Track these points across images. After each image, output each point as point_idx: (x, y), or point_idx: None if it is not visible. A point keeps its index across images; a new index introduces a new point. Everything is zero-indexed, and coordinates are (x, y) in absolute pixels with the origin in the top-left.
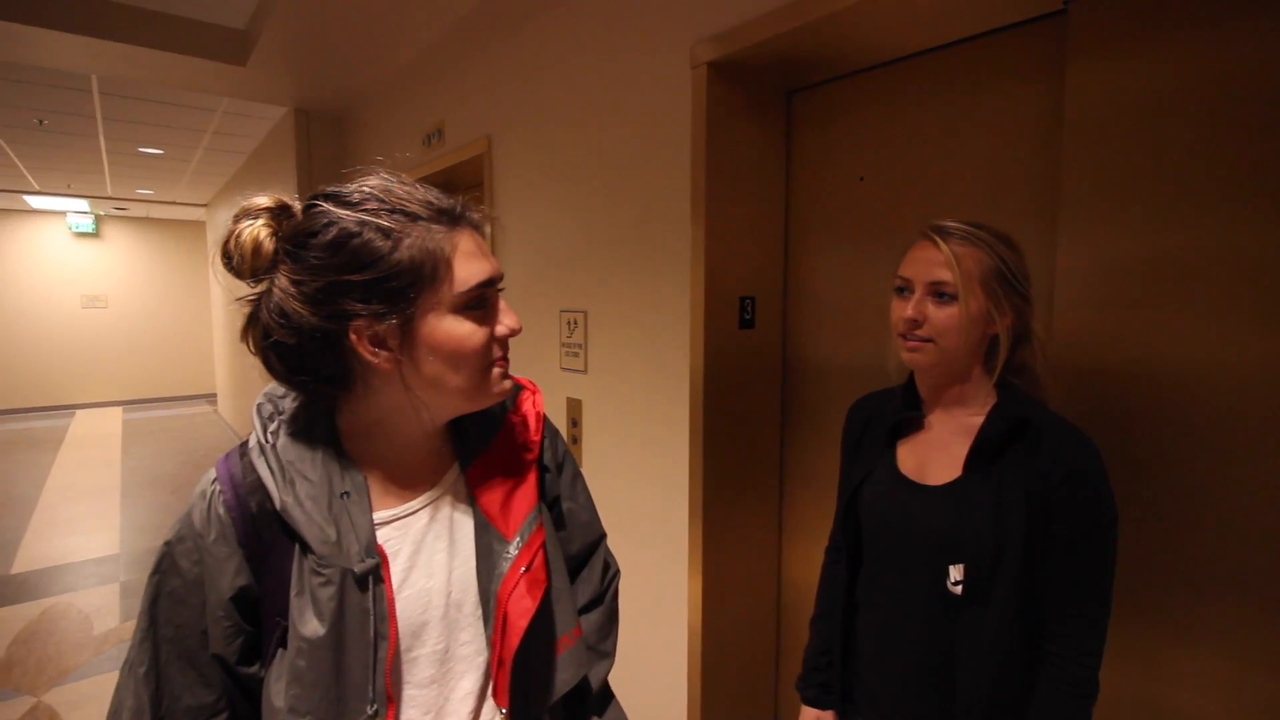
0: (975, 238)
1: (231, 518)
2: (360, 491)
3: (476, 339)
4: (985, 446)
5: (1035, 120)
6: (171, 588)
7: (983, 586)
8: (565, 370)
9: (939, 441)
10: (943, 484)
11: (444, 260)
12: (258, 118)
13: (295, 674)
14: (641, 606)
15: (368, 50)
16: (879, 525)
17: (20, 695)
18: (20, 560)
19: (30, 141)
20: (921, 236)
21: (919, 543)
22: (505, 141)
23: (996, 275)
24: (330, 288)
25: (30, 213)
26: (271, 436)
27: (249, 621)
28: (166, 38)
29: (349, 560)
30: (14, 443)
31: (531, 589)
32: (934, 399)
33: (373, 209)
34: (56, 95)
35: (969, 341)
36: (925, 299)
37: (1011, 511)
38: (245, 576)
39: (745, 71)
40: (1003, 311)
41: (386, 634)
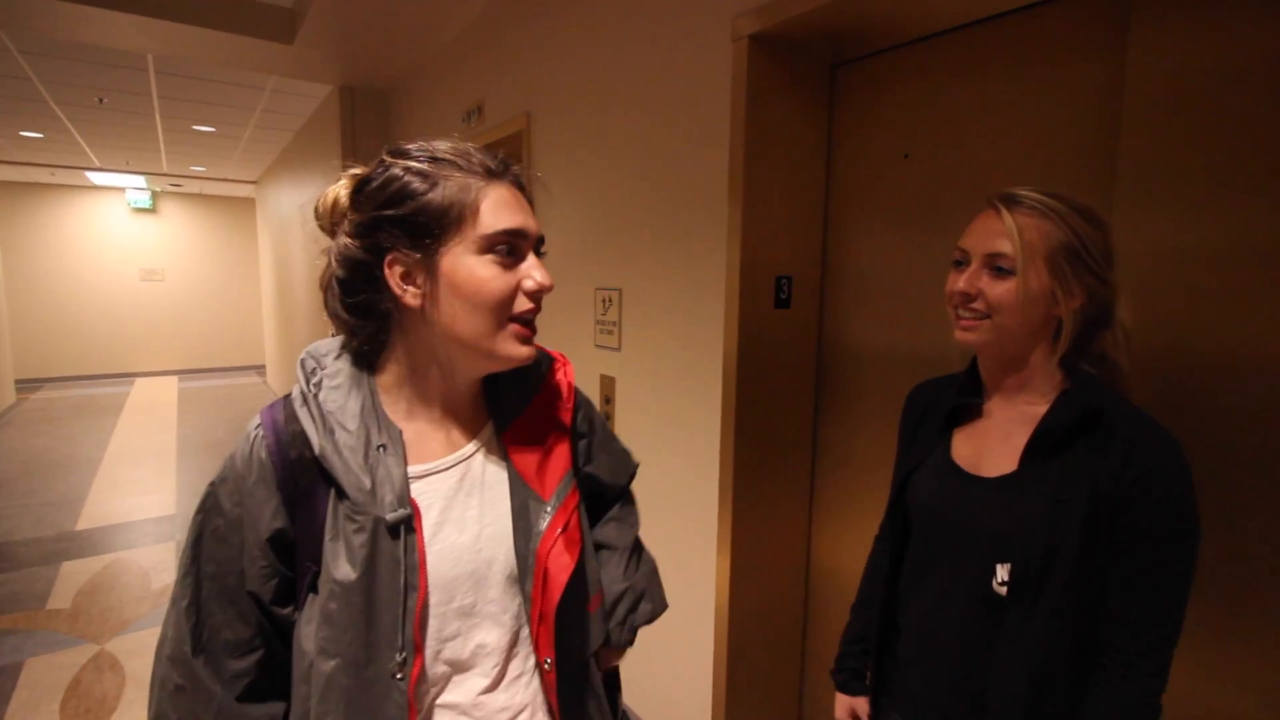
0: (1046, 208)
1: (272, 462)
2: (396, 444)
3: (497, 284)
4: (1047, 437)
5: (1092, 96)
6: (214, 526)
7: (1030, 589)
8: (599, 347)
9: (998, 430)
10: (997, 476)
11: (472, 205)
12: (304, 96)
13: (326, 615)
14: (670, 583)
15: (410, 29)
16: (926, 516)
17: (85, 642)
18: (85, 518)
19: (91, 119)
20: (986, 205)
21: (967, 537)
22: (544, 118)
23: (1067, 251)
24: (371, 222)
25: (91, 189)
26: (314, 388)
27: (284, 564)
28: (216, 16)
29: (382, 509)
30: (79, 408)
31: (569, 547)
32: (995, 384)
33: (422, 158)
34: (115, 74)
35: (1029, 321)
36: (981, 271)
37: (1070, 511)
38: (282, 519)
39: (788, 45)
40: (1070, 292)
41: (416, 584)
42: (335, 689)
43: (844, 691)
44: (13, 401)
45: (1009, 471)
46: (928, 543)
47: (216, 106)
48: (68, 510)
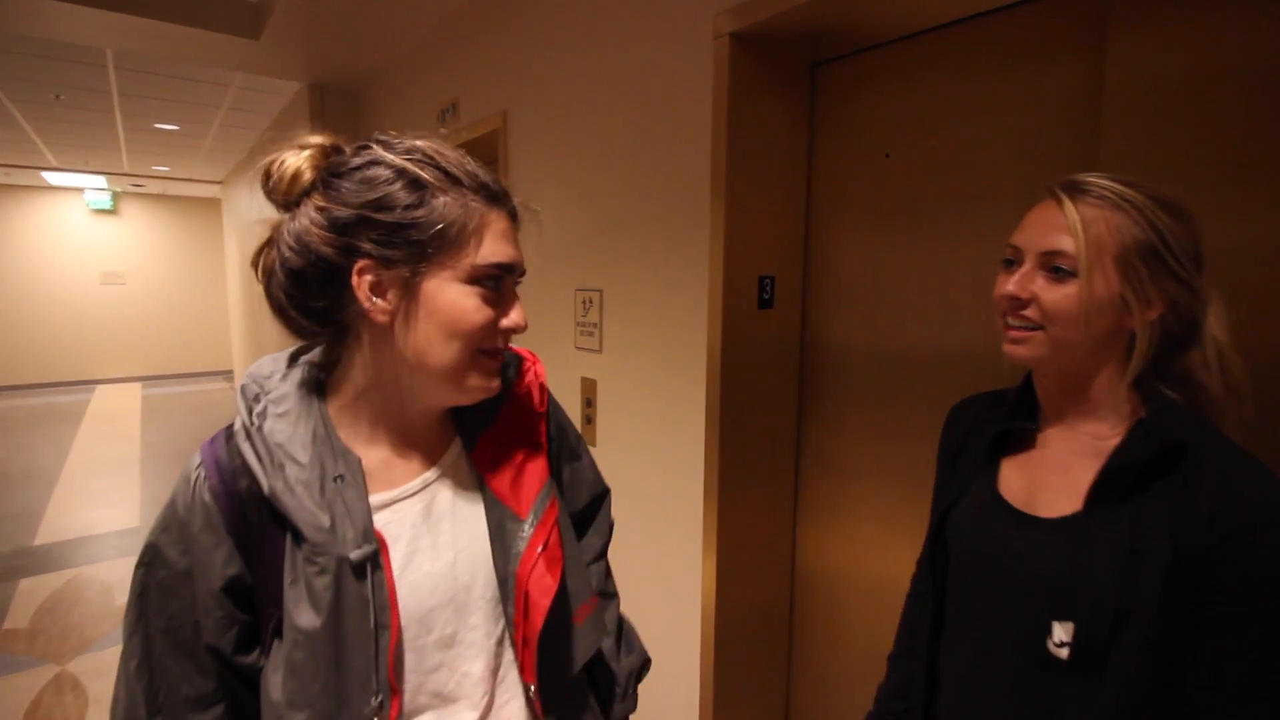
0: (1119, 198)
1: (218, 504)
2: (355, 473)
3: (478, 316)
4: (1119, 475)
5: (1073, 96)
6: (159, 579)
7: (1097, 655)
8: (580, 349)
9: (1056, 462)
10: (1056, 517)
11: (473, 230)
12: (272, 93)
13: (292, 667)
14: (655, 586)
15: (383, 24)
16: (969, 559)
17: (45, 663)
18: (44, 532)
19: (47, 117)
20: (1046, 194)
21: (1017, 587)
22: (521, 117)
23: (1144, 250)
24: (351, 220)
25: (49, 189)
26: (257, 419)
27: (244, 610)
28: (180, 11)
29: (345, 547)
30: (37, 417)
31: (551, 567)
32: (1053, 408)
33: (418, 160)
34: (73, 70)
35: (1093, 333)
36: (1036, 273)
37: (1147, 565)
38: (236, 565)
39: (769, 43)
40: (1146, 299)
41: (388, 623)
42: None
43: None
44: None
45: (1070, 513)
46: (970, 590)
47: (180, 104)
48: (25, 524)
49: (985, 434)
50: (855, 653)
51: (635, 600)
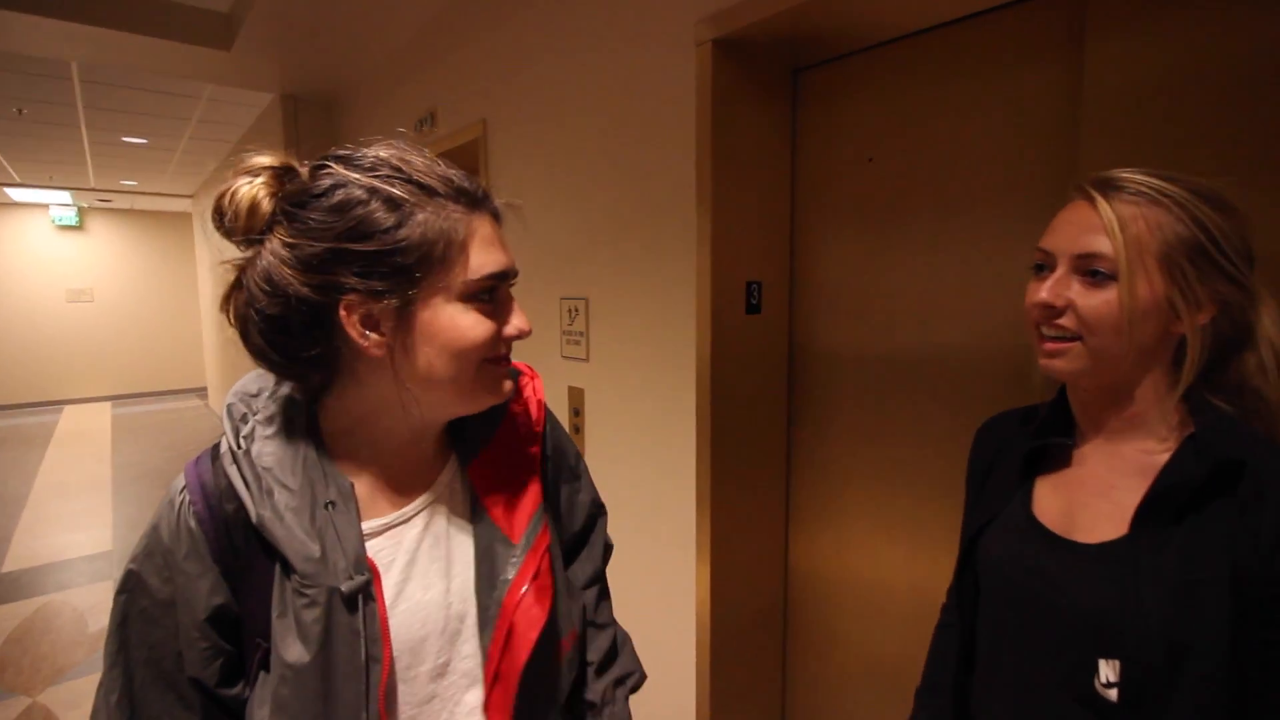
0: (1158, 193)
1: (204, 531)
2: (347, 499)
3: (479, 332)
4: (1169, 496)
5: (1052, 99)
6: (141, 608)
7: (1151, 696)
8: (566, 358)
9: (1096, 482)
10: (1098, 543)
11: (458, 243)
12: (244, 105)
13: (279, 703)
14: (649, 595)
15: (358, 33)
16: (1002, 587)
17: (15, 695)
18: (12, 558)
19: (9, 132)
20: (1076, 193)
21: (1057, 620)
22: (501, 125)
23: (1190, 249)
24: (327, 255)
25: (11, 205)
26: (245, 441)
27: (229, 641)
28: (147, 21)
29: (335, 578)
30: (1, 439)
31: (540, 598)
32: (1092, 423)
33: (386, 176)
34: (36, 83)
35: (1137, 341)
36: (1071, 277)
37: (1203, 595)
38: (222, 594)
39: (750, 50)
40: (1195, 302)
41: (379, 656)
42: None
43: None
44: None
45: (1115, 538)
46: (1005, 623)
47: (148, 117)
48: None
49: (1016, 452)
50: (850, 656)
51: (630, 607)
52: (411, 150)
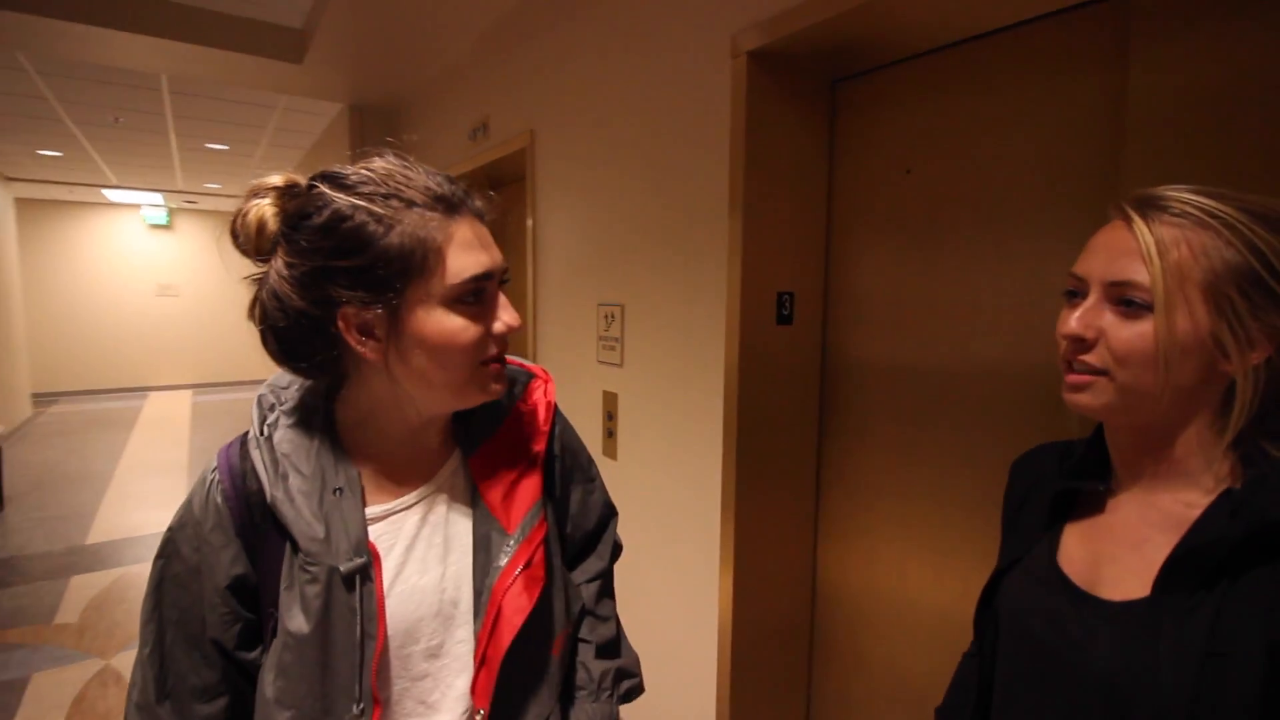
0: (1205, 214)
1: (229, 507)
2: (353, 486)
3: (468, 335)
4: (1199, 556)
5: (1096, 110)
6: (174, 572)
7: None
8: (602, 363)
9: (1127, 533)
10: (1121, 601)
11: (435, 250)
12: (316, 114)
13: (282, 667)
14: (673, 601)
15: (416, 47)
16: (1020, 639)
17: (91, 657)
18: (95, 532)
19: (107, 138)
20: (1114, 212)
21: (1071, 680)
22: (547, 135)
23: (1241, 277)
24: (318, 272)
25: (109, 206)
26: (269, 428)
27: (248, 608)
28: (228, 37)
29: (337, 558)
30: (92, 422)
31: (529, 586)
32: (1127, 467)
33: (368, 193)
34: (130, 94)
35: (1175, 380)
36: (1103, 306)
37: (1231, 671)
38: (242, 565)
39: (788, 61)
40: (1246, 338)
41: (374, 633)
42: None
43: None
44: (29, 415)
45: (1140, 597)
46: (1020, 672)
47: (229, 125)
48: (78, 524)
49: (1048, 492)
50: (877, 676)
51: (653, 615)
52: (396, 162)
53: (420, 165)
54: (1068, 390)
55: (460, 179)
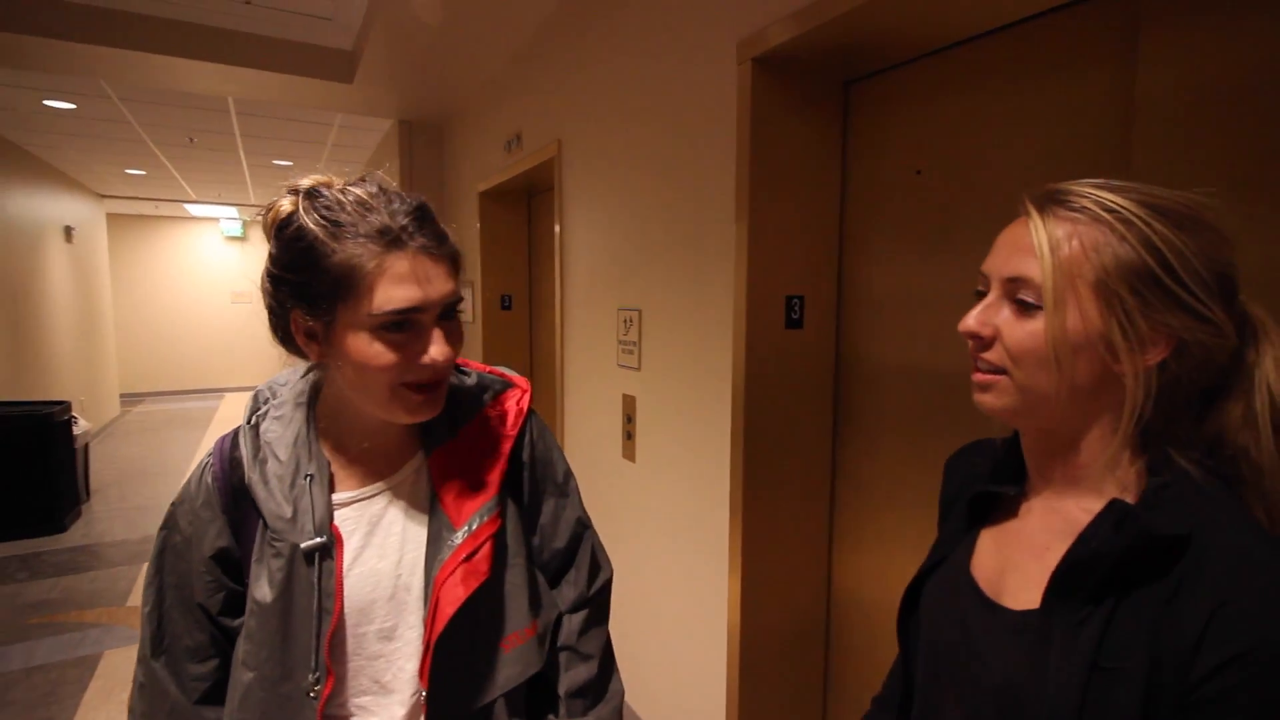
0: (1103, 208)
1: (217, 487)
2: (322, 473)
3: (383, 360)
4: (1085, 568)
5: (1104, 106)
6: (173, 542)
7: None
8: (621, 367)
9: (1032, 541)
10: (1019, 610)
11: (365, 279)
12: (369, 130)
13: (248, 632)
14: (686, 606)
15: (455, 64)
16: (933, 643)
17: None
18: None
19: (185, 157)
20: (1020, 206)
21: (973, 686)
22: (573, 144)
23: (1132, 274)
24: (278, 278)
25: (189, 219)
26: (256, 418)
27: (232, 579)
28: (284, 61)
29: (300, 536)
30: (173, 420)
31: (467, 579)
32: (1038, 470)
33: (328, 217)
34: (202, 116)
35: (1070, 380)
36: (1002, 304)
37: (1118, 688)
38: (225, 539)
39: (796, 65)
40: (1137, 339)
41: (331, 609)
42: (252, 699)
43: None
44: (117, 414)
45: (1035, 608)
46: (933, 677)
47: (292, 142)
48: (155, 515)
49: (966, 496)
50: None
51: (665, 619)
52: (369, 191)
53: (393, 194)
54: (974, 390)
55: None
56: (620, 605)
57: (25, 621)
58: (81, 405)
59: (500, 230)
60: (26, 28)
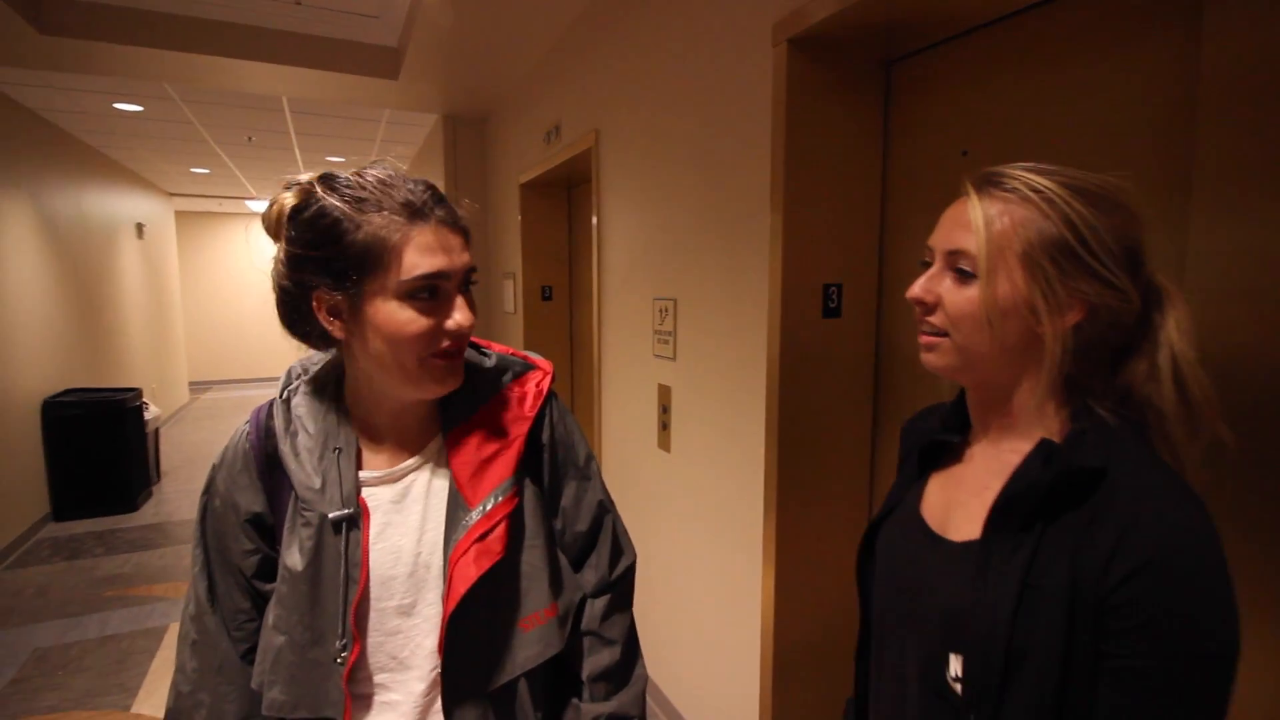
0: (1031, 189)
1: (253, 454)
2: (350, 448)
3: (415, 327)
4: (1017, 501)
5: (1166, 79)
6: (214, 506)
7: (991, 694)
8: (657, 357)
9: (973, 481)
10: (961, 542)
11: (393, 249)
12: (415, 125)
13: (279, 597)
14: (717, 599)
15: (495, 58)
16: (888, 578)
17: None
18: None
19: (245, 156)
20: (963, 187)
21: (920, 612)
22: (610, 134)
23: (1053, 247)
24: (301, 258)
25: (252, 215)
26: (290, 393)
27: (266, 544)
28: (332, 59)
29: (328, 507)
30: (238, 406)
31: (480, 558)
32: (980, 421)
33: (350, 196)
34: (258, 115)
35: (1001, 340)
36: (944, 274)
37: (1045, 603)
38: (260, 504)
39: (835, 45)
40: (1057, 303)
41: (357, 578)
42: (282, 663)
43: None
44: (186, 401)
45: (974, 539)
46: (888, 610)
47: (343, 139)
48: None
49: (917, 446)
50: None
51: (700, 612)
52: (384, 173)
53: (405, 177)
54: (921, 351)
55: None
56: (654, 594)
57: (101, 594)
58: (152, 392)
59: (541, 221)
60: (96, 34)
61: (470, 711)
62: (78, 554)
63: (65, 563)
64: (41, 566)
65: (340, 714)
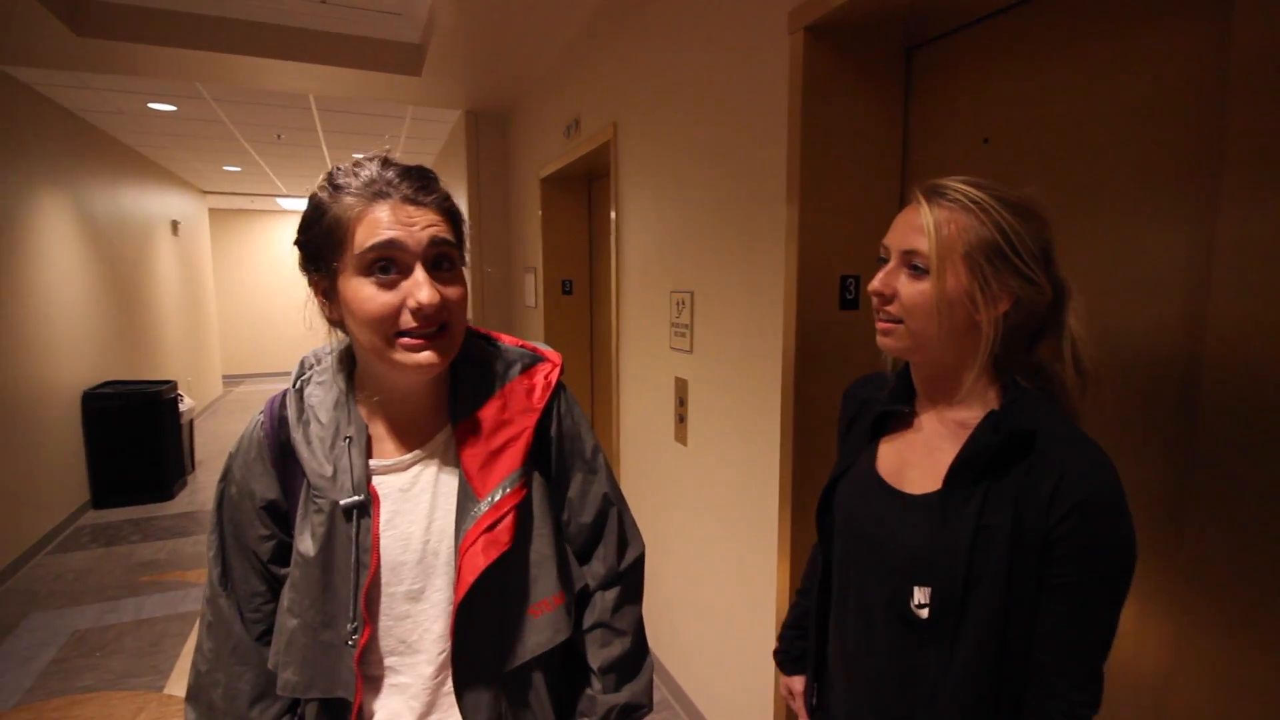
0: (970, 200)
1: (267, 443)
2: (360, 436)
3: (374, 304)
4: (972, 460)
5: (1195, 62)
6: (230, 492)
7: (952, 617)
8: (674, 350)
9: (924, 444)
10: (920, 494)
11: (349, 225)
12: (439, 121)
13: (293, 582)
14: (733, 593)
15: (515, 54)
16: (849, 528)
17: None
18: None
19: (274, 154)
20: (912, 196)
21: (884, 555)
22: (628, 127)
23: (988, 249)
24: (298, 243)
25: (282, 212)
26: (302, 383)
27: (281, 530)
28: (357, 56)
29: (339, 494)
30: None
31: (488, 548)
32: (925, 393)
33: (330, 182)
34: (287, 113)
35: (947, 326)
36: (900, 270)
37: (992, 541)
38: (274, 491)
39: (853, 32)
40: (992, 295)
41: (368, 564)
42: (295, 645)
43: (783, 671)
44: (219, 394)
45: (931, 491)
46: (850, 554)
47: (369, 136)
48: None
49: (870, 415)
50: None
51: (712, 603)
52: (374, 158)
53: (389, 161)
54: (879, 335)
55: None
56: (670, 587)
57: (137, 579)
58: (187, 385)
59: (561, 215)
60: (130, 36)
61: (482, 696)
62: (115, 540)
63: (103, 549)
64: (81, 552)
65: (351, 694)
